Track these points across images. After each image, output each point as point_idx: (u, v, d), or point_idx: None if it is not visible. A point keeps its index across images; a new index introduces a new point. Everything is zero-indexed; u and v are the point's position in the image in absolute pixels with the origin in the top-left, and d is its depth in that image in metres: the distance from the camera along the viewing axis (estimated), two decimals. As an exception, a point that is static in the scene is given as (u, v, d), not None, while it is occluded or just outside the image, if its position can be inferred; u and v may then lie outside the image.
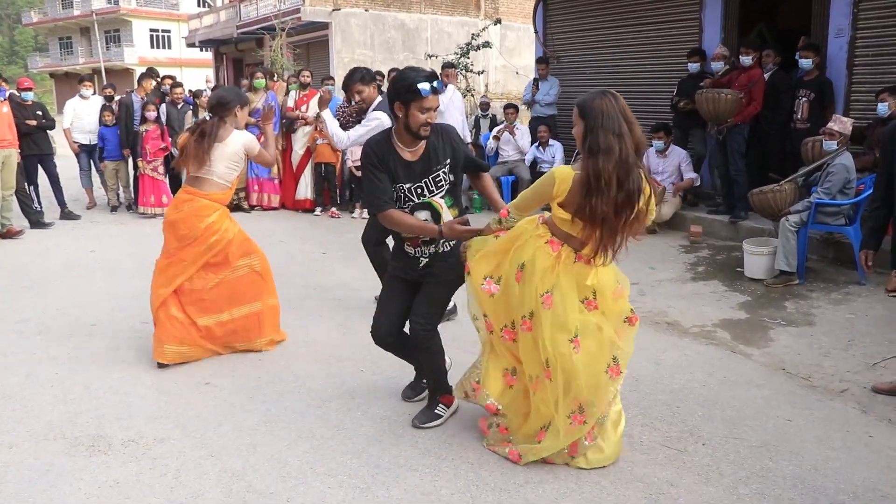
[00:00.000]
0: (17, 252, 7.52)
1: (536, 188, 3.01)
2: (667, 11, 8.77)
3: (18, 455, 3.30)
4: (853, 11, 6.86)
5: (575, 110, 2.90)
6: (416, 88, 3.11)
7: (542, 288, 2.96)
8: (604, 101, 2.78)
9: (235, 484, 3.04)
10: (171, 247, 4.40)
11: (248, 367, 4.33)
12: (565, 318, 2.93)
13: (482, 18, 22.93)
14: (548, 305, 2.95)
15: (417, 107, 3.13)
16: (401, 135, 3.26)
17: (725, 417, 3.60)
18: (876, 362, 4.24)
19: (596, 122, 2.75)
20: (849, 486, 2.98)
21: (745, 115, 7.03)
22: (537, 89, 9.63)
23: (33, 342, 4.79)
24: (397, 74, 3.25)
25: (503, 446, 3.24)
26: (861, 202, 5.81)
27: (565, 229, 2.95)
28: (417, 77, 3.13)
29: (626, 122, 2.77)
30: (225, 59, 28.83)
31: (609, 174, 2.74)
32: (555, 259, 2.95)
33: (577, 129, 2.89)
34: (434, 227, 3.25)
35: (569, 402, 3.01)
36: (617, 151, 2.73)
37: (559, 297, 2.94)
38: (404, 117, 3.18)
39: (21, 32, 58.56)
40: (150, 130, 9.18)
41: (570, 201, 2.84)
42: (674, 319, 5.13)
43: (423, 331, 3.38)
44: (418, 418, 3.54)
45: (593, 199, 2.76)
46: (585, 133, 2.80)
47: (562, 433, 3.04)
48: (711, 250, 6.99)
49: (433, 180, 3.30)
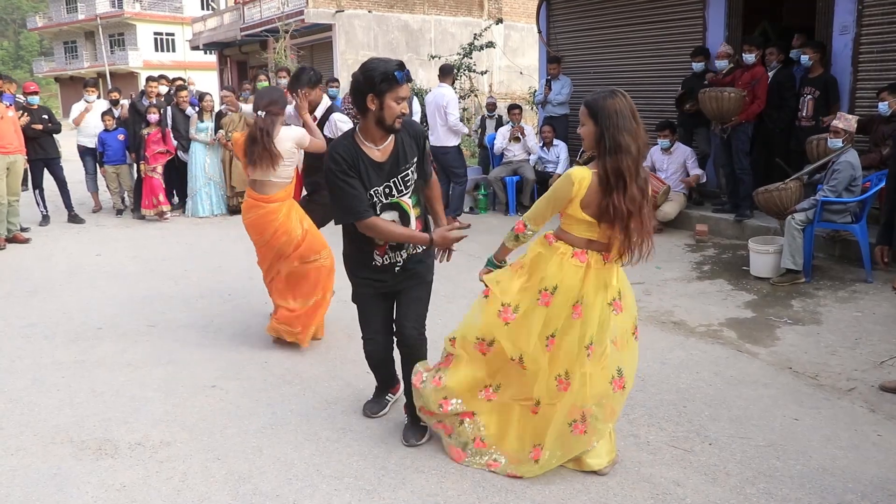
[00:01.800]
0: (23, 256, 7.55)
1: (553, 194, 2.93)
2: (670, 10, 8.75)
3: (26, 459, 3.31)
4: (858, 8, 6.83)
5: (584, 110, 2.88)
6: (392, 76, 2.95)
7: (571, 300, 2.91)
8: (616, 100, 2.80)
9: (242, 487, 3.05)
10: (260, 248, 4.63)
11: (254, 369, 4.34)
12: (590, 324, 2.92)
13: (485, 19, 22.94)
14: (577, 315, 2.91)
15: (393, 97, 2.98)
16: (370, 132, 3.08)
17: (732, 417, 3.59)
18: (883, 360, 4.22)
19: (611, 121, 2.77)
20: (857, 485, 2.97)
21: (749, 113, 7.02)
22: (550, 89, 9.61)
23: (39, 346, 4.81)
24: (364, 66, 3.04)
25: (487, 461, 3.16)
26: (868, 199, 5.79)
27: (584, 235, 2.89)
28: (389, 65, 2.98)
29: (634, 120, 2.80)
30: (229, 61, 28.90)
31: (629, 171, 2.77)
32: (585, 269, 2.89)
33: (586, 128, 2.87)
34: (424, 236, 3.14)
35: (572, 410, 2.98)
36: (634, 149, 2.77)
37: (587, 305, 2.91)
38: (377, 110, 3.00)
39: (26, 37, 58.88)
40: (151, 133, 9.21)
41: (590, 202, 2.82)
42: (680, 319, 5.12)
43: (419, 336, 3.31)
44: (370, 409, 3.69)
45: (615, 197, 2.77)
46: (601, 133, 2.79)
47: (562, 443, 3.01)
48: (717, 249, 6.97)
49: (402, 179, 3.16)
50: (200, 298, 5.85)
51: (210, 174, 9.57)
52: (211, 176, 9.59)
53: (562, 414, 2.99)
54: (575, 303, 2.90)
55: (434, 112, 8.47)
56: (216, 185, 9.66)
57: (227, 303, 5.72)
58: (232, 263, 7.01)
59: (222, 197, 9.74)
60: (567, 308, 2.90)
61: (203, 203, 9.61)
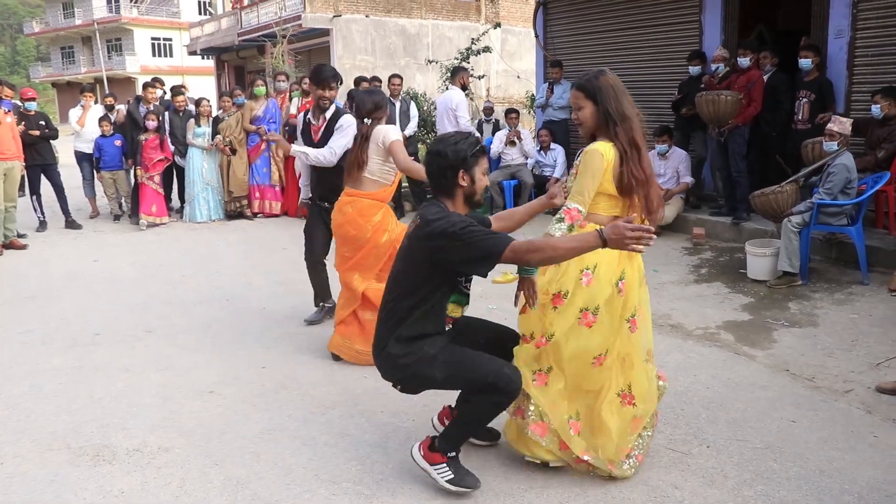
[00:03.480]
0: (21, 262, 7.55)
1: (589, 171, 2.85)
2: (667, 14, 8.79)
3: (23, 465, 3.31)
4: (852, 12, 6.86)
5: (578, 94, 2.94)
6: (482, 147, 2.87)
7: (615, 278, 2.92)
8: (608, 77, 2.93)
9: (240, 492, 3.05)
10: (344, 252, 4.48)
11: (252, 375, 4.34)
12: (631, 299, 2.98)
13: (483, 23, 23.00)
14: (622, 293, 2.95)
15: (482, 170, 2.85)
16: (457, 210, 2.87)
17: (730, 419, 3.59)
18: (880, 362, 4.23)
19: (609, 94, 2.87)
20: (854, 486, 2.97)
21: (746, 116, 7.04)
22: (552, 93, 9.63)
23: (37, 352, 4.81)
24: (444, 141, 2.86)
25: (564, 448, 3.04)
26: (863, 202, 5.81)
27: (610, 213, 2.96)
28: (471, 136, 2.89)
29: (625, 92, 2.93)
30: (226, 66, 28.96)
31: (639, 137, 2.88)
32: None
33: (585, 111, 2.92)
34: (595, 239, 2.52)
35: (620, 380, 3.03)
36: (636, 117, 2.89)
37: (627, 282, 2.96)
38: (469, 185, 2.84)
39: (23, 42, 58.82)
40: (149, 139, 9.21)
41: (613, 175, 2.89)
42: (677, 322, 5.13)
43: None
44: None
45: (632, 166, 2.86)
46: (604, 110, 2.86)
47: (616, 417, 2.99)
48: (714, 252, 6.99)
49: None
50: (198, 304, 5.85)
51: (208, 179, 9.57)
52: (208, 181, 9.59)
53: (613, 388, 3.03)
54: (619, 280, 2.93)
55: (443, 115, 8.49)
56: (214, 191, 9.66)
57: (225, 308, 5.72)
58: (230, 269, 7.01)
59: (220, 202, 9.74)
60: (611, 286, 2.92)
61: (201, 208, 9.61)
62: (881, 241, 6.24)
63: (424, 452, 2.99)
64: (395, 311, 2.89)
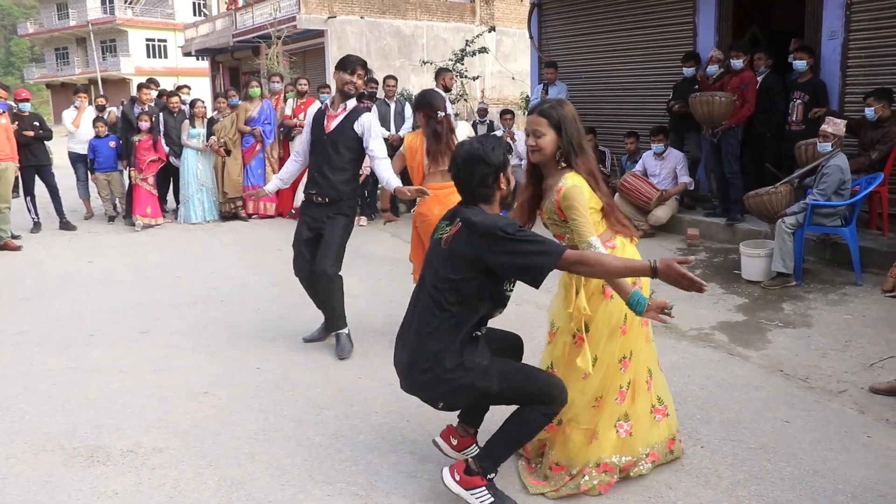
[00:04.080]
0: (15, 264, 7.52)
1: (581, 206, 2.83)
2: (661, 15, 8.81)
3: (17, 466, 3.30)
4: (846, 14, 6.89)
5: (542, 120, 2.89)
6: (509, 147, 2.92)
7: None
8: (569, 107, 2.97)
9: (234, 493, 3.04)
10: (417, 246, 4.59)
11: (246, 375, 4.33)
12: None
13: (478, 24, 23.02)
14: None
15: (511, 170, 2.85)
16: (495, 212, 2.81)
17: (724, 420, 3.60)
18: (873, 363, 4.25)
19: (573, 125, 2.92)
20: (847, 486, 2.98)
21: (739, 117, 7.06)
22: (546, 94, 9.63)
23: (31, 353, 4.79)
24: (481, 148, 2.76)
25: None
26: (857, 203, 5.83)
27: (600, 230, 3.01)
28: (495, 137, 2.87)
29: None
30: (221, 67, 28.89)
31: (597, 168, 3.00)
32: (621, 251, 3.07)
33: (546, 138, 2.89)
34: (645, 266, 2.51)
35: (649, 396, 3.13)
36: (590, 150, 2.99)
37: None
38: (507, 186, 2.81)
39: (17, 43, 58.65)
40: (142, 140, 9.20)
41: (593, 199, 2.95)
42: (671, 322, 5.13)
43: None
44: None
45: (596, 190, 2.93)
46: (567, 141, 2.89)
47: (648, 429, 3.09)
48: (708, 253, 7.00)
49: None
50: (193, 305, 5.84)
51: (202, 180, 9.56)
52: (203, 182, 9.58)
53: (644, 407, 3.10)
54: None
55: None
56: (208, 192, 9.65)
57: (220, 309, 5.71)
58: (224, 270, 7.00)
59: (214, 203, 9.73)
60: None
61: (195, 209, 9.59)
62: (875, 242, 6.26)
63: (461, 477, 2.80)
64: (444, 322, 2.71)
